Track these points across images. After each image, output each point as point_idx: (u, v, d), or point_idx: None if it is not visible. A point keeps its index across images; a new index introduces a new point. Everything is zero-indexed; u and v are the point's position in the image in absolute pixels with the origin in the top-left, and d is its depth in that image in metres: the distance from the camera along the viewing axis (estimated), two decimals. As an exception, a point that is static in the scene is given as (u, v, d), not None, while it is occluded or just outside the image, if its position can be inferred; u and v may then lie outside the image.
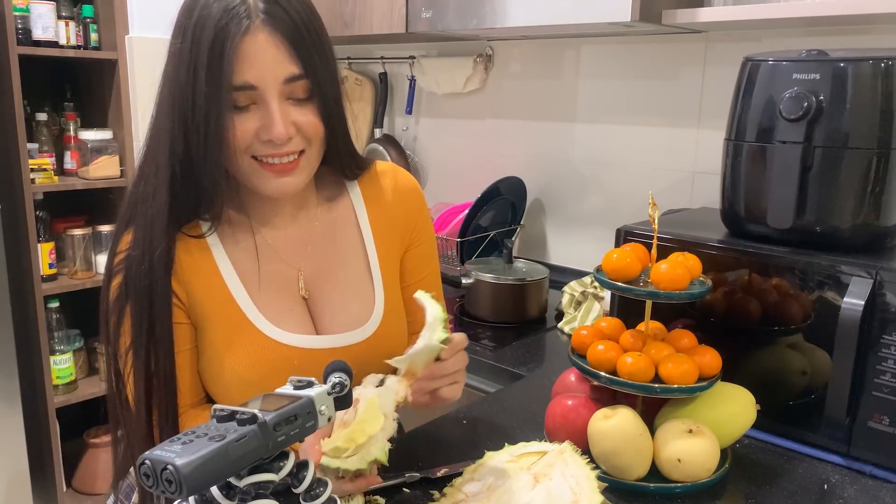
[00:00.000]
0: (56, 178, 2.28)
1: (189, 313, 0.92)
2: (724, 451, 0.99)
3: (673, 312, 1.18)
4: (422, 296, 0.86)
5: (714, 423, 0.97)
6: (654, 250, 0.99)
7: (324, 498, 0.72)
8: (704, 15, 1.50)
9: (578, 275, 1.89)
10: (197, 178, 0.85)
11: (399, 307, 1.03)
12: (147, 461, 0.59)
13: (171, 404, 0.89)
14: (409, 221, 1.04)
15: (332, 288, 0.97)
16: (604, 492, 0.82)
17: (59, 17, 2.24)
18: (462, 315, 1.80)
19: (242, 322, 0.91)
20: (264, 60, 0.81)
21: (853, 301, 0.99)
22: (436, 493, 0.90)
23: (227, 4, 0.80)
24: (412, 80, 2.34)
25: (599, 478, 0.84)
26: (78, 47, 2.30)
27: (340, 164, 0.97)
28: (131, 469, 1.04)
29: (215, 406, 0.67)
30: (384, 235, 1.02)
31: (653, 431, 0.97)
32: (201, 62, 0.79)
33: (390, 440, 0.82)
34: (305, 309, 0.96)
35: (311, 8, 0.87)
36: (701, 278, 1.00)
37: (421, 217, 1.06)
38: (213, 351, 0.91)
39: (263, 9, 0.81)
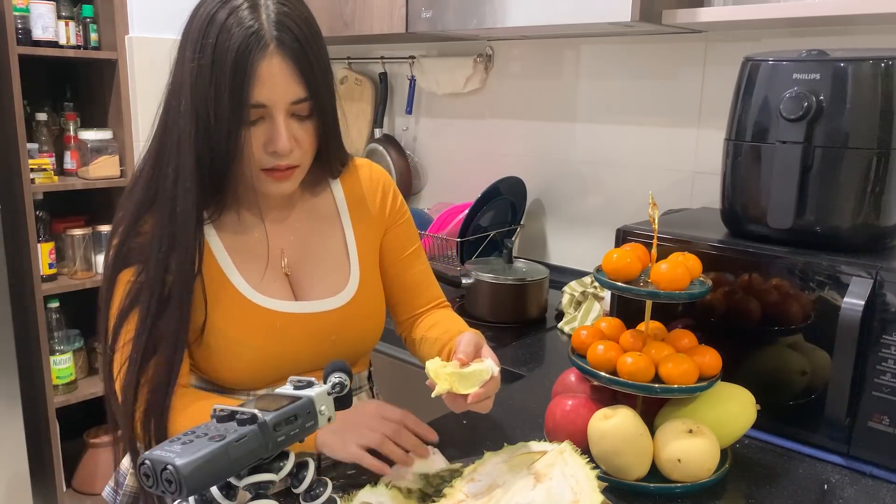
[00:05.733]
0: (56, 178, 2.28)
1: None
2: (724, 451, 0.99)
3: (673, 312, 1.18)
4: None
5: (714, 423, 0.97)
6: (654, 250, 0.99)
7: (324, 498, 0.72)
8: (704, 15, 1.50)
9: (578, 275, 1.89)
10: (217, 181, 0.95)
11: (375, 283, 1.13)
12: (147, 461, 0.59)
13: (170, 384, 0.95)
14: (382, 208, 1.15)
15: (311, 263, 1.07)
16: (604, 492, 0.82)
17: (59, 16, 2.24)
18: (462, 315, 1.79)
19: (229, 289, 1.00)
20: (277, 83, 0.90)
21: (853, 301, 0.99)
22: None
23: (246, 31, 0.88)
24: (412, 80, 2.34)
25: (599, 478, 0.84)
26: (78, 47, 2.30)
27: (329, 166, 1.08)
28: (124, 460, 1.11)
29: (215, 406, 0.67)
30: (361, 219, 1.12)
31: (653, 431, 0.97)
32: (224, 82, 0.88)
33: None
34: (287, 282, 1.06)
35: (315, 28, 0.95)
36: (701, 278, 1.00)
37: (395, 202, 1.16)
38: (201, 316, 0.99)
39: (276, 35, 0.90)
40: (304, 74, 0.92)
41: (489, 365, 0.94)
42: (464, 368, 0.92)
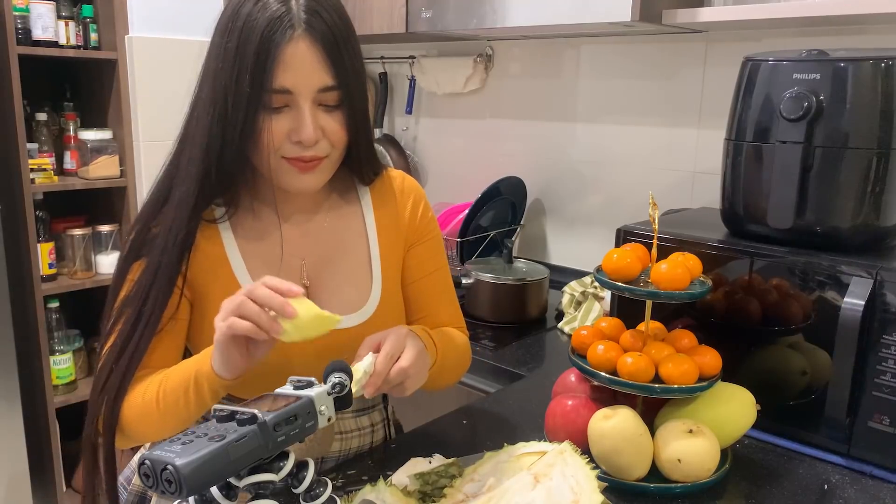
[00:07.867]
0: (56, 177, 2.28)
1: (189, 286, 0.97)
2: (724, 452, 0.99)
3: (673, 312, 1.18)
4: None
5: (714, 423, 0.97)
6: (654, 250, 0.99)
7: (324, 498, 0.72)
8: (704, 15, 1.50)
9: (578, 275, 1.89)
10: (226, 170, 0.91)
11: (396, 303, 1.07)
12: (147, 461, 0.59)
13: (131, 368, 0.92)
14: (412, 220, 1.09)
15: (331, 276, 1.02)
16: (604, 492, 0.82)
17: (59, 16, 2.24)
18: (462, 315, 1.80)
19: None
20: (303, 68, 0.88)
21: (853, 301, 0.99)
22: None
23: (274, 13, 0.87)
24: (412, 80, 2.34)
25: (599, 478, 0.84)
26: (78, 47, 2.30)
27: (360, 170, 1.03)
28: (134, 458, 1.07)
29: (215, 406, 0.67)
30: (387, 233, 1.07)
31: (653, 431, 0.97)
32: (246, 64, 0.86)
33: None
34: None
35: (349, 22, 0.93)
36: (701, 278, 1.00)
37: (424, 217, 1.11)
38: (211, 324, 0.94)
39: (305, 19, 0.87)
40: (333, 62, 0.89)
41: (367, 360, 0.84)
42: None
